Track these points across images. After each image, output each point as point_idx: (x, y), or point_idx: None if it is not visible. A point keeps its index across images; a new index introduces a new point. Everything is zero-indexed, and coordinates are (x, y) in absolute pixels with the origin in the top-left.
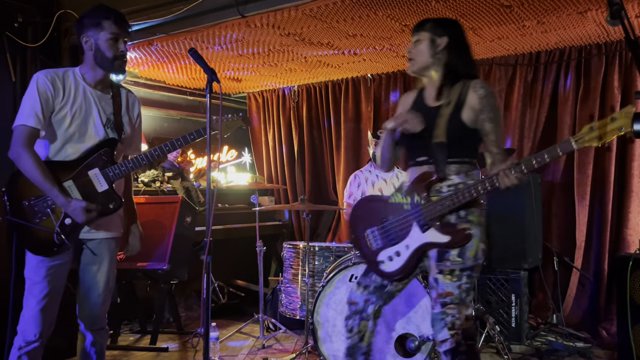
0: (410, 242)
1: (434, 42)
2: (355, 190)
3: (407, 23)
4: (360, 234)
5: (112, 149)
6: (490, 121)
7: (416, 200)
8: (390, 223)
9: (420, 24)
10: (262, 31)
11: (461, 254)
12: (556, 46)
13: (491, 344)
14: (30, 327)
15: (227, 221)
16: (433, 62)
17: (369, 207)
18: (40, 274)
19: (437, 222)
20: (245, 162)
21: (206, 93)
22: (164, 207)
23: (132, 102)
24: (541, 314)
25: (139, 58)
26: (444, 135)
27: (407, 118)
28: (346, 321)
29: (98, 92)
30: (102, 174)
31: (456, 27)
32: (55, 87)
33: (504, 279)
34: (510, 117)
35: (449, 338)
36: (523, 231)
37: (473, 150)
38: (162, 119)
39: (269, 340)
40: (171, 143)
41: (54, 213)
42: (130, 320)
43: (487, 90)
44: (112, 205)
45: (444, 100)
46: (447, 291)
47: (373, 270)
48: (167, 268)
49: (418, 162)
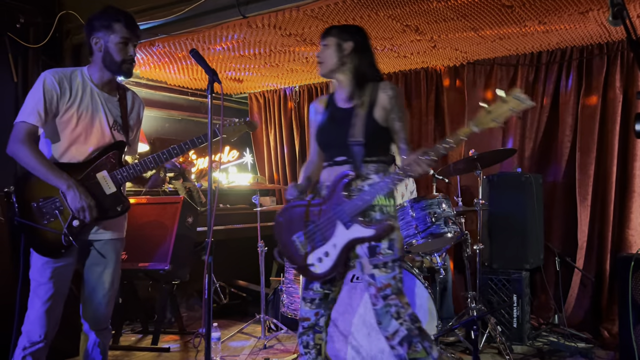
0: (337, 241)
1: (340, 46)
2: None
3: (408, 23)
4: (287, 241)
5: (120, 151)
6: (399, 120)
7: (337, 200)
8: (314, 225)
9: (327, 31)
10: (263, 31)
11: (390, 246)
12: (558, 46)
13: (493, 344)
14: (35, 327)
15: (229, 221)
16: (340, 65)
17: (291, 214)
18: (45, 275)
19: (360, 218)
20: (246, 163)
21: (207, 94)
22: (166, 207)
23: (137, 105)
24: (543, 315)
25: (141, 58)
26: (361, 135)
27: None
28: (300, 338)
29: (105, 94)
30: (111, 176)
31: (360, 33)
32: (62, 88)
33: (505, 279)
34: (512, 118)
35: (399, 327)
36: (525, 231)
37: (387, 149)
38: (164, 120)
39: (270, 341)
40: (179, 147)
41: (62, 214)
42: (132, 321)
43: (396, 90)
44: (119, 207)
45: (356, 101)
46: (386, 283)
47: (305, 275)
48: (168, 268)
49: (337, 162)
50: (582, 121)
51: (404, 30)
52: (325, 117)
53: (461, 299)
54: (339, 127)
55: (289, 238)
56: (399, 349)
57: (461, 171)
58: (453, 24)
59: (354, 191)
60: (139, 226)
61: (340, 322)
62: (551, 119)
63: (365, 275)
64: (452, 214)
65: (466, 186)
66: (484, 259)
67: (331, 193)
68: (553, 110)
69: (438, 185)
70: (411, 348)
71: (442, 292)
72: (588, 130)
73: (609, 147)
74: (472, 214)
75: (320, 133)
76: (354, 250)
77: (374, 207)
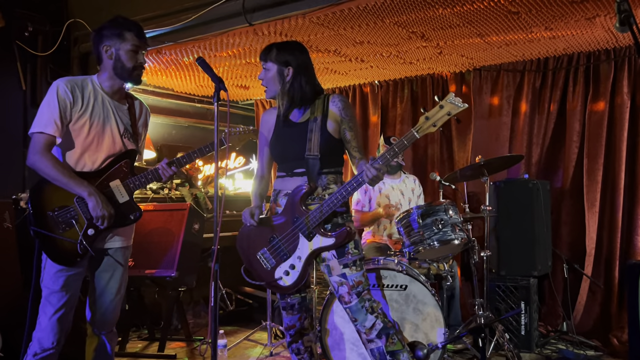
0: (301, 253)
1: (281, 73)
2: (363, 196)
3: (414, 30)
4: (252, 259)
5: (132, 160)
6: (350, 129)
7: (296, 212)
8: (278, 240)
9: (266, 53)
10: (269, 39)
11: (356, 245)
12: (564, 52)
13: (501, 352)
14: (48, 335)
15: (236, 228)
16: (283, 89)
17: (254, 232)
18: (58, 283)
19: (321, 229)
20: (253, 169)
21: (214, 101)
22: (172, 214)
23: (145, 113)
24: (551, 322)
25: (148, 66)
26: (317, 149)
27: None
28: (290, 347)
29: (115, 102)
30: (124, 185)
31: (300, 53)
32: (75, 96)
33: (513, 286)
34: (519, 124)
35: (375, 320)
36: (532, 238)
37: (342, 159)
38: (171, 127)
39: (277, 348)
40: (188, 155)
41: (77, 223)
42: (139, 327)
43: (344, 101)
44: (132, 216)
45: (309, 115)
46: (357, 280)
47: (274, 289)
48: (175, 275)
49: (296, 173)
50: (589, 127)
51: (409, 37)
52: (280, 130)
53: (469, 306)
54: (295, 141)
55: (254, 255)
56: (378, 341)
57: (468, 177)
58: (459, 31)
59: (315, 201)
60: (145, 233)
61: (347, 329)
62: (558, 125)
63: (333, 277)
64: (459, 220)
65: (473, 192)
66: (491, 266)
67: (290, 205)
68: (560, 116)
69: (445, 191)
70: (389, 340)
71: (450, 299)
72: (595, 136)
73: (617, 153)
74: (479, 220)
75: (276, 146)
76: (319, 256)
77: (332, 215)
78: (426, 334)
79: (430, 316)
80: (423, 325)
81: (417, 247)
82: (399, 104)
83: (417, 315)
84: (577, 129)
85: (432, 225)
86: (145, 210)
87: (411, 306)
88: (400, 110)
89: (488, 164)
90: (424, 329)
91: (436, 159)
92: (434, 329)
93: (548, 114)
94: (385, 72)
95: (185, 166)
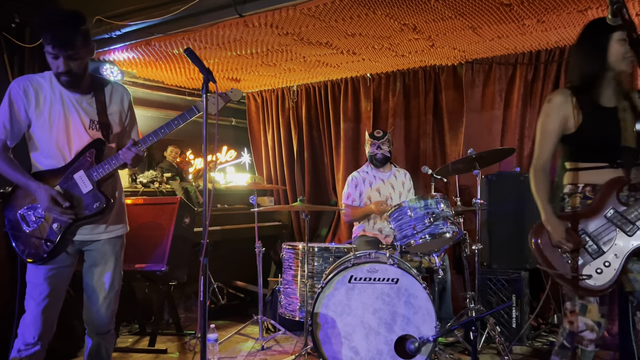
0: (618, 250)
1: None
2: (353, 191)
3: (406, 22)
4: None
5: (98, 149)
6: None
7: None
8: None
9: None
10: (260, 31)
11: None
12: (556, 45)
13: (492, 345)
14: (29, 329)
15: (227, 222)
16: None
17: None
18: (39, 276)
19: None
20: (244, 163)
21: (202, 93)
22: (163, 208)
23: (118, 96)
24: (542, 315)
25: (137, 58)
26: (633, 139)
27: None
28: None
29: (77, 94)
30: (87, 175)
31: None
32: (28, 97)
33: (504, 279)
34: (511, 117)
35: None
36: (524, 231)
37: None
38: (161, 120)
39: (268, 342)
40: (154, 133)
41: (44, 220)
42: (129, 322)
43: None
44: (96, 204)
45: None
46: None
47: (573, 287)
48: (165, 269)
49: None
50: None
51: (401, 29)
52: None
53: (460, 299)
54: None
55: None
56: None
57: (460, 171)
58: (451, 23)
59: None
60: (135, 227)
61: (338, 323)
62: None
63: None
64: (451, 213)
65: (465, 186)
66: (482, 259)
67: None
68: None
69: (437, 185)
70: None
71: (441, 292)
72: None
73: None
74: (471, 213)
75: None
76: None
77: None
78: (418, 327)
79: (421, 309)
80: (414, 318)
81: (408, 241)
82: (391, 97)
83: (409, 309)
84: None
85: (423, 219)
86: (135, 204)
87: (403, 299)
88: (393, 104)
89: (480, 157)
90: (415, 322)
91: (428, 152)
92: (425, 322)
93: (540, 107)
94: (378, 65)
95: (170, 153)
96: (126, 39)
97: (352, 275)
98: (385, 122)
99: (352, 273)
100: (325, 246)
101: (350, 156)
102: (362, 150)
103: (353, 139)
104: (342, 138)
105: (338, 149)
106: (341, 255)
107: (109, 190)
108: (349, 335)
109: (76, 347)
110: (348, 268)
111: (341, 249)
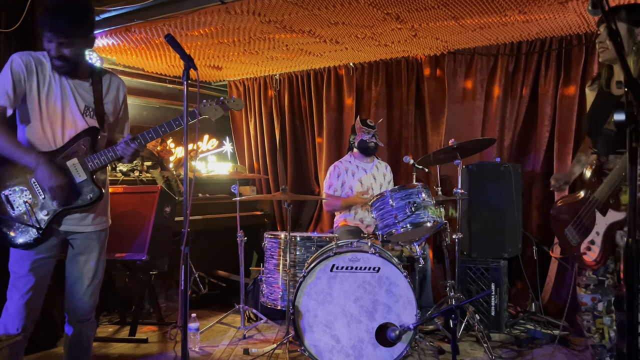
0: (599, 228)
1: (632, 32)
2: (335, 181)
3: (389, 11)
4: (561, 234)
5: (92, 138)
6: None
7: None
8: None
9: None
10: (242, 18)
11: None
12: (537, 36)
13: (471, 332)
14: (13, 320)
15: (208, 211)
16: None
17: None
18: (24, 267)
19: (611, 201)
20: (226, 152)
21: (183, 80)
22: (143, 196)
23: (115, 87)
24: (520, 303)
25: (117, 44)
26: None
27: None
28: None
29: (76, 79)
30: (81, 163)
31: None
32: (29, 69)
33: (484, 268)
34: (492, 108)
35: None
36: (503, 221)
37: None
38: (142, 107)
39: (250, 331)
40: (154, 130)
41: (31, 205)
42: (110, 312)
43: None
44: (90, 195)
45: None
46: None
47: (578, 261)
48: (146, 259)
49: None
50: (560, 111)
51: (384, 18)
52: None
53: (440, 287)
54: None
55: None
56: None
57: (441, 161)
58: (434, 13)
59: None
60: (116, 216)
61: (319, 311)
62: (530, 109)
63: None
64: (432, 203)
65: (446, 176)
66: (463, 248)
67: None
68: (532, 100)
69: (418, 174)
70: None
71: (422, 281)
72: (566, 120)
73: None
74: (452, 203)
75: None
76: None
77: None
78: (398, 315)
79: (402, 298)
80: (395, 306)
81: (389, 230)
82: (373, 87)
83: (390, 297)
84: (549, 113)
85: (404, 208)
86: (115, 192)
87: (384, 288)
88: (375, 93)
89: (461, 148)
90: (396, 310)
91: (410, 142)
92: (406, 310)
93: (520, 98)
94: (360, 55)
95: (151, 142)
96: (105, 24)
97: (334, 264)
98: (368, 111)
99: (334, 262)
100: (307, 235)
101: (333, 146)
102: (344, 140)
103: (335, 129)
104: (325, 128)
105: (321, 139)
106: (323, 245)
107: (100, 181)
108: (331, 324)
109: (55, 337)
110: (330, 257)
111: (323, 239)
